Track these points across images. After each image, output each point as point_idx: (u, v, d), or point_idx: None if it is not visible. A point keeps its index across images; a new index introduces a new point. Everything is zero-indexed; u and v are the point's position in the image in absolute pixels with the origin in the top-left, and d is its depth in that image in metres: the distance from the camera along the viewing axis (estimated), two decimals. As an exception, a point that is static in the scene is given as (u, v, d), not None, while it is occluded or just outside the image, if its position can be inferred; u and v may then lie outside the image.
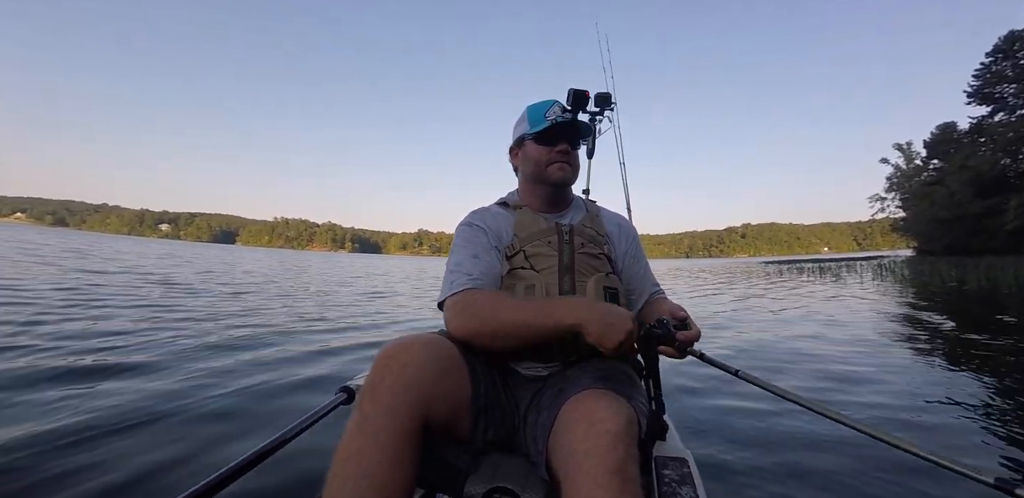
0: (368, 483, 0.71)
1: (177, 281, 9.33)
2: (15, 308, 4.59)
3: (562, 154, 1.18)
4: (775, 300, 9.05)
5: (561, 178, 1.18)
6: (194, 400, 2.38)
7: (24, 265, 9.83)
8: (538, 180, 1.21)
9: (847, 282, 14.28)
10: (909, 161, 44.87)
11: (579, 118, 1.22)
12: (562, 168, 1.18)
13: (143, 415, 2.14)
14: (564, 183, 1.21)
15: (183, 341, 3.74)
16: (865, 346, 4.22)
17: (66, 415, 2.07)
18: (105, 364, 2.90)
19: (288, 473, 1.59)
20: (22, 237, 28.65)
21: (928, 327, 5.42)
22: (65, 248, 18.34)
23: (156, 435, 1.97)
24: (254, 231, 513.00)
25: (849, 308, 7.42)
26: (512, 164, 1.32)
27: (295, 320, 5.34)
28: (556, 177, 1.18)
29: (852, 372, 3.29)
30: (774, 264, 39.29)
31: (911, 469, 1.74)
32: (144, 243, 61.67)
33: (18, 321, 3.99)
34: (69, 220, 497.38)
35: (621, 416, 0.74)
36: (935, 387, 2.89)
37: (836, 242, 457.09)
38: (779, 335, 4.83)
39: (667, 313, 1.06)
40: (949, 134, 37.18)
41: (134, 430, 1.99)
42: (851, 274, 18.19)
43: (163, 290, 7.48)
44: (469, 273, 1.05)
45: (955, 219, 32.41)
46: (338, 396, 1.12)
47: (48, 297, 5.52)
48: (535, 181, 1.22)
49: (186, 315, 5.11)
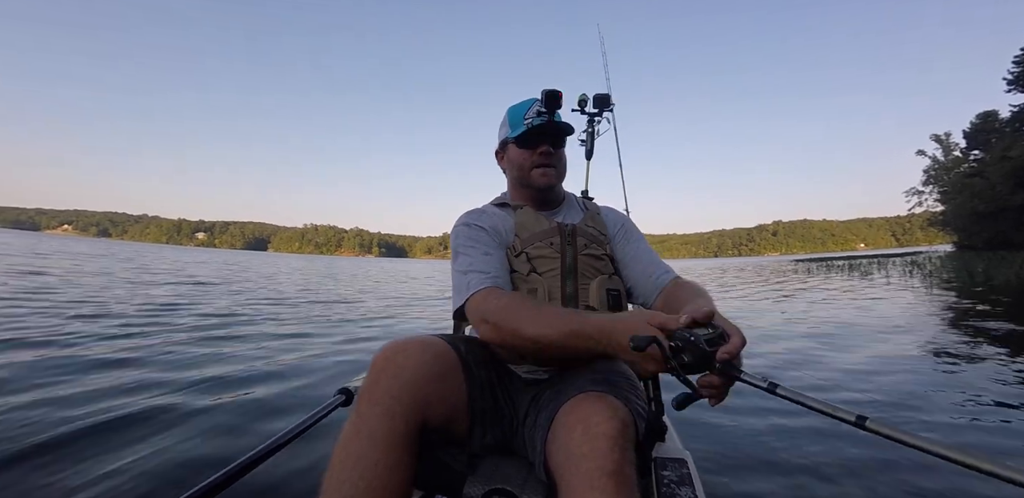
0: (366, 485, 0.72)
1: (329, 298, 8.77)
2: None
3: (544, 156, 1.16)
4: (772, 301, 8.85)
5: (544, 183, 1.17)
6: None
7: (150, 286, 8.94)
8: (524, 184, 1.21)
9: (874, 279, 13.80)
10: (947, 153, 42.87)
11: (564, 117, 1.20)
12: (545, 173, 1.16)
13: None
14: (548, 187, 1.19)
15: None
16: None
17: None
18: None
19: (287, 474, 1.61)
20: (78, 249, 28.43)
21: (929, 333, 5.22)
22: (144, 264, 16.54)
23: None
24: (285, 238, 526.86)
25: (858, 307, 7.22)
26: (500, 167, 1.31)
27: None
28: (539, 183, 1.17)
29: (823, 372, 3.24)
30: (804, 262, 38.03)
31: (925, 466, 1.70)
32: (191, 252, 62.05)
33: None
34: (112, 231, 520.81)
35: (617, 419, 0.74)
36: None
37: (873, 238, 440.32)
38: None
39: (686, 312, 0.75)
40: (990, 123, 35.45)
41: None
42: (880, 271, 17.55)
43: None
44: (485, 271, 1.02)
45: (996, 212, 30.86)
46: (336, 397, 1.13)
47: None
48: (521, 185, 1.22)
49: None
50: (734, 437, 2.07)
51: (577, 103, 1.97)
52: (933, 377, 3.06)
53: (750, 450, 1.94)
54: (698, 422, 2.23)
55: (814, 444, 1.98)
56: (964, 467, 0.51)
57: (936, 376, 3.08)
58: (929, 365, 3.39)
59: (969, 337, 4.47)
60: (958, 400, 2.56)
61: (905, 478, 1.68)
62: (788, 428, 2.16)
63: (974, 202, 32.85)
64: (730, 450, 1.94)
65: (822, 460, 1.84)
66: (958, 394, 2.67)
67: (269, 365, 3.27)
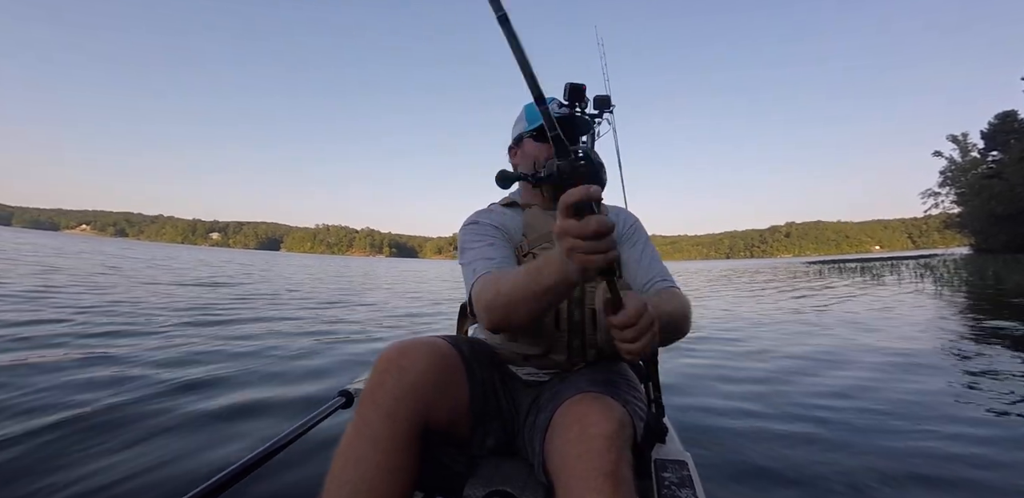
0: (367, 487, 0.72)
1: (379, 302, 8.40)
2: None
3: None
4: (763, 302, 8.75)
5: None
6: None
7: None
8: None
9: (884, 281, 13.62)
10: (965, 153, 42.07)
11: (577, 113, 1.18)
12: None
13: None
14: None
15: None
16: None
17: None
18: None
19: (287, 476, 1.60)
20: (106, 250, 28.26)
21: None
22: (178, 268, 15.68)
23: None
24: (297, 238, 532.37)
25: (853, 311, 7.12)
26: (512, 163, 1.30)
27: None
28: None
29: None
30: (816, 264, 37.58)
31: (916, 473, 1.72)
32: (217, 253, 62.49)
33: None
34: (128, 231, 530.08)
35: (613, 420, 0.75)
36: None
37: (889, 240, 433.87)
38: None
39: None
40: (1009, 123, 34.83)
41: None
42: (892, 274, 17.28)
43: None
44: (489, 257, 1.01)
45: (1015, 214, 30.29)
46: (336, 400, 1.12)
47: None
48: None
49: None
50: (735, 439, 2.07)
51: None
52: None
53: (751, 453, 1.93)
54: (699, 424, 2.22)
55: (815, 447, 1.98)
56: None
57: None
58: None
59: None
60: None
61: (908, 481, 1.69)
62: (789, 430, 2.16)
63: (992, 204, 32.28)
64: (731, 453, 1.93)
65: (824, 463, 1.84)
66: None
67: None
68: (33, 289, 6.36)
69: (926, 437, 2.10)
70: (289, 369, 3.12)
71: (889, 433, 2.12)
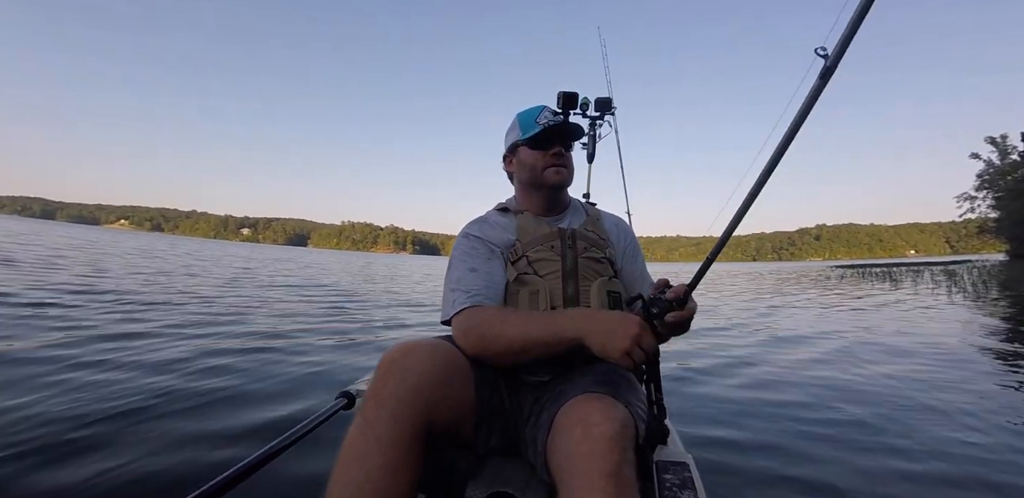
0: (371, 487, 0.72)
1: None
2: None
3: (556, 156, 1.18)
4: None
5: (558, 181, 1.18)
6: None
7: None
8: (535, 185, 1.21)
9: (900, 286, 13.26)
10: (1004, 156, 40.50)
11: (571, 120, 1.21)
12: (558, 171, 1.18)
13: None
14: (561, 186, 1.20)
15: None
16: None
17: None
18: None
19: (288, 478, 1.59)
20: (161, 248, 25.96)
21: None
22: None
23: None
24: (324, 234, 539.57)
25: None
26: (507, 171, 1.32)
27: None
28: (553, 180, 1.18)
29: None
30: (843, 268, 36.17)
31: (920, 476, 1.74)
32: (258, 249, 61.84)
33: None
34: (164, 225, 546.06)
35: (616, 420, 0.74)
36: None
37: (925, 244, 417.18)
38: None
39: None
40: (1050, 125, 33.38)
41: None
42: (916, 280, 16.87)
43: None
44: (467, 290, 1.04)
45: (1054, 220, 29.15)
46: (338, 401, 1.13)
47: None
48: (532, 186, 1.23)
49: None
50: (737, 441, 2.06)
51: (579, 106, 2.06)
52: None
53: (753, 455, 1.92)
54: (701, 426, 2.23)
55: (818, 450, 1.98)
56: None
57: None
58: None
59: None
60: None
61: (911, 483, 1.71)
62: (791, 432, 2.17)
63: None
64: (733, 454, 1.93)
65: (825, 465, 1.83)
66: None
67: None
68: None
69: (928, 443, 2.09)
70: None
71: (889, 435, 2.15)
